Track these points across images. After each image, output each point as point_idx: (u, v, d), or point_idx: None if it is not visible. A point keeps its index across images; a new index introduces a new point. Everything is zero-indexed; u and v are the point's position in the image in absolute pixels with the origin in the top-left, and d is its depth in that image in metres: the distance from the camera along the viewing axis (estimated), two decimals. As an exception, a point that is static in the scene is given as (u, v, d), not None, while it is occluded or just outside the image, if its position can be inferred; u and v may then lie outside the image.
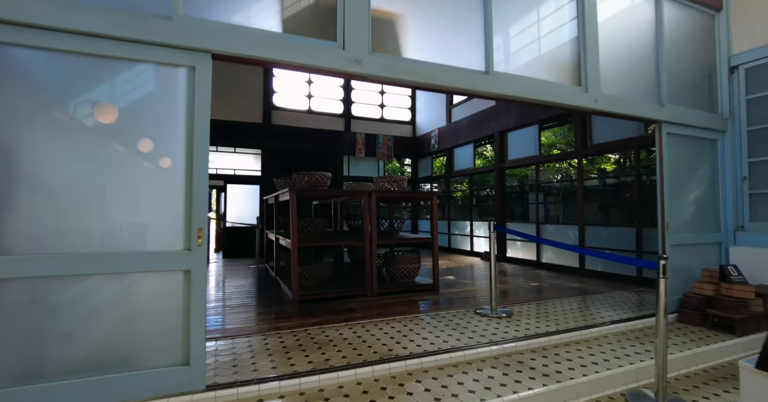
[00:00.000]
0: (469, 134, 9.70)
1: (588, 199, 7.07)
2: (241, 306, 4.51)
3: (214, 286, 5.77)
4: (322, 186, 5.10)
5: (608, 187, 7.16)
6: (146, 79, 2.42)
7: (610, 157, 8.35)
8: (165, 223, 2.38)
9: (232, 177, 10.20)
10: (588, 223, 6.85)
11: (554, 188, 8.50)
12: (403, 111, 12.51)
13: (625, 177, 6.71)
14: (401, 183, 5.48)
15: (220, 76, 9.97)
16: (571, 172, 11.32)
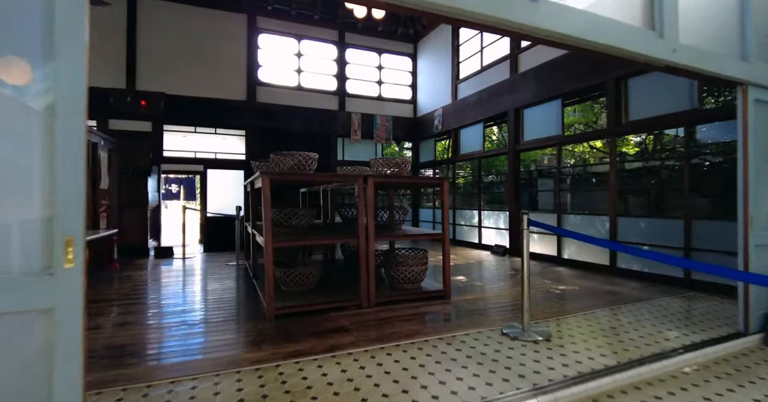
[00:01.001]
0: (477, 113, 8.63)
1: (622, 185, 6.06)
2: (201, 323, 3.53)
3: (177, 292, 4.79)
4: (308, 169, 4.07)
5: (645, 171, 6.16)
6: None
7: (644, 138, 7.32)
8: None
9: (213, 161, 9.14)
10: (621, 213, 5.87)
11: (578, 173, 7.48)
12: (402, 89, 11.39)
13: (671, 160, 5.69)
14: (403, 166, 4.46)
15: (197, 45, 8.82)
16: (590, 155, 10.32)
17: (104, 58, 8.15)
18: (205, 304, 4.18)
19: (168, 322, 3.56)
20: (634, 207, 6.20)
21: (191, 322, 3.54)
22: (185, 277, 5.68)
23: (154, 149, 8.50)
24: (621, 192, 6.04)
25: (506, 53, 7.93)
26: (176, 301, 4.29)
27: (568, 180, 7.22)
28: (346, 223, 5.82)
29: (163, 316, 3.75)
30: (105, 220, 6.35)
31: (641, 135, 6.83)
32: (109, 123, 8.17)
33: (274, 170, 3.72)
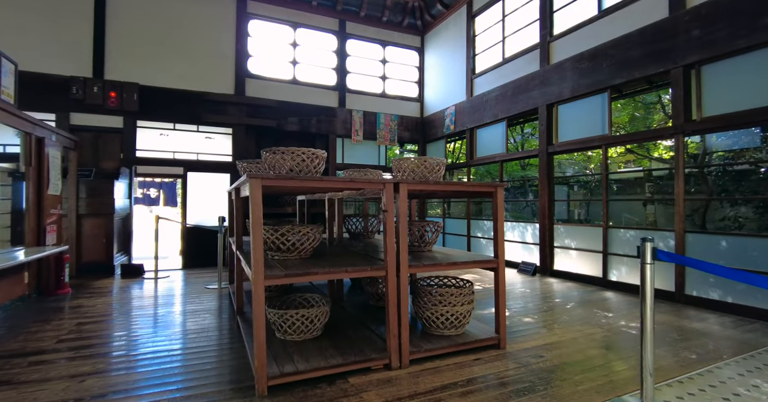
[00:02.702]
0: (499, 110, 7.57)
1: (691, 193, 5.03)
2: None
3: (134, 336, 3.59)
4: (313, 171, 2.93)
5: (719, 177, 5.15)
6: None
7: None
8: None
9: (195, 163, 7.93)
10: (692, 229, 4.83)
11: (627, 179, 6.45)
12: (408, 85, 10.32)
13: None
14: (438, 169, 3.35)
15: (178, 30, 7.64)
16: (612, 160, 9.39)
17: (66, 40, 6.93)
18: (169, 360, 2.99)
19: (105, 395, 2.38)
20: (709, 221, 5.18)
21: (140, 396, 2.36)
22: (151, 308, 4.47)
23: (126, 148, 7.28)
24: (690, 202, 5.00)
25: (535, 42, 6.90)
26: (128, 355, 3.09)
27: (613, 187, 6.18)
28: (356, 239, 4.68)
29: (103, 381, 2.56)
30: (54, 234, 5.12)
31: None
32: (70, 117, 6.94)
33: (269, 174, 2.58)
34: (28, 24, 6.72)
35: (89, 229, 6.29)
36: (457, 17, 9.01)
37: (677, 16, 4.84)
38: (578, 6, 6.18)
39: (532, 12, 7.00)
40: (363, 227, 4.83)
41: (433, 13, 9.58)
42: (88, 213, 6.30)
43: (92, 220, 6.33)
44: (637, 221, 8.45)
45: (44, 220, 4.87)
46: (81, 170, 6.52)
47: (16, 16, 6.68)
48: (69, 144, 6.00)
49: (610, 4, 5.70)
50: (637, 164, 9.33)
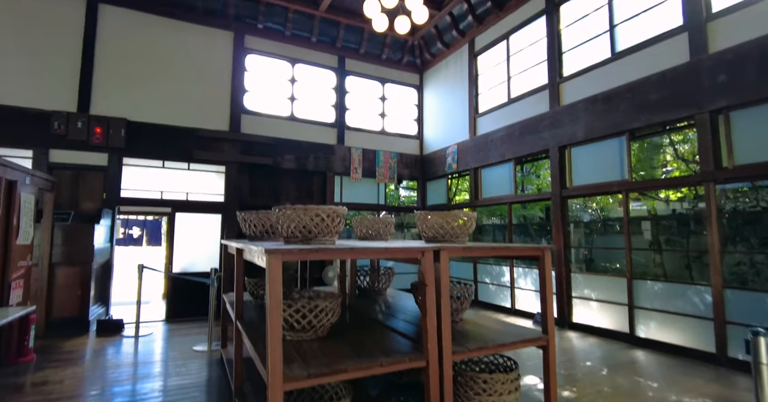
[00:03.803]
0: (506, 150, 7.32)
1: (727, 244, 4.70)
2: None
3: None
4: (333, 231, 2.49)
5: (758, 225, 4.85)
6: None
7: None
8: None
9: (184, 203, 7.40)
10: (731, 284, 4.46)
11: (655, 224, 6.16)
12: (408, 122, 10.11)
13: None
14: (469, 224, 2.94)
15: (171, 65, 7.31)
16: (648, 206, 9.13)
17: (49, 71, 6.51)
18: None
19: None
20: (753, 275, 4.84)
21: None
22: (129, 383, 3.82)
23: (110, 188, 6.74)
24: (726, 253, 4.66)
25: (544, 82, 6.74)
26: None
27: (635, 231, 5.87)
28: (367, 296, 4.17)
29: None
30: (20, 290, 4.49)
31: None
32: (49, 154, 6.42)
33: (290, 247, 2.12)
34: (7, 53, 6.30)
35: (63, 280, 5.63)
36: (457, 56, 8.93)
37: (701, 60, 4.68)
38: (589, 48, 6.06)
39: (540, 52, 6.89)
40: (373, 281, 4.34)
41: (432, 51, 9.51)
42: (63, 261, 5.66)
43: (67, 269, 5.69)
44: (644, 263, 8.14)
45: (10, 275, 4.26)
46: (57, 213, 5.93)
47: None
48: (45, 185, 5.46)
49: (624, 47, 5.58)
50: (643, 203, 9.12)
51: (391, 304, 3.79)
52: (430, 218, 2.94)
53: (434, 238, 2.95)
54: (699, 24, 4.73)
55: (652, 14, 5.26)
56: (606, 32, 5.79)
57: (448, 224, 2.89)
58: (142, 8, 7.17)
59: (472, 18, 8.03)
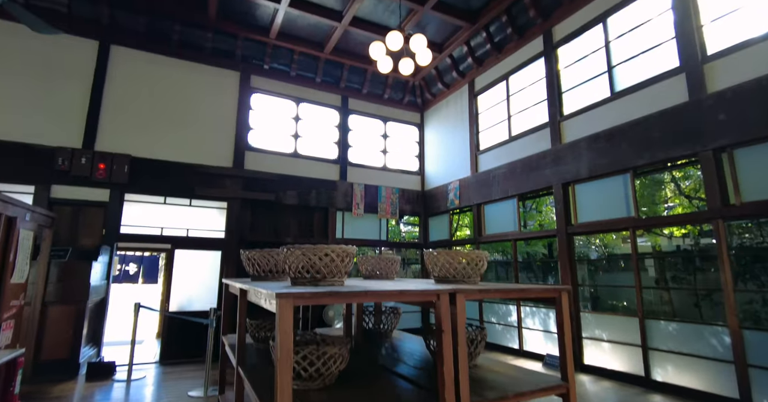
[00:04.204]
0: (509, 187, 7.32)
1: (743, 281, 4.59)
2: None
3: None
4: (342, 271, 2.41)
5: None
6: None
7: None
8: None
9: (184, 240, 7.30)
10: (746, 324, 4.31)
11: (659, 261, 6.05)
12: (409, 159, 10.20)
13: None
14: (480, 263, 2.86)
15: (178, 103, 7.45)
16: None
17: (59, 110, 6.61)
18: None
19: None
20: (766, 313, 4.69)
21: None
22: (119, 431, 3.58)
23: (110, 224, 6.66)
24: (737, 291, 4.53)
25: (545, 121, 6.86)
26: None
27: (646, 269, 5.75)
28: (372, 339, 4.00)
29: None
30: (10, 331, 4.30)
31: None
32: (51, 190, 6.38)
33: (300, 292, 2.04)
34: (16, 91, 6.41)
35: (55, 320, 5.43)
36: (458, 96, 9.14)
37: (700, 99, 4.77)
38: (589, 87, 6.21)
39: (539, 92, 7.05)
40: (379, 322, 4.17)
41: (433, 91, 9.75)
42: (57, 300, 5.49)
43: (60, 308, 5.50)
44: (651, 301, 7.95)
45: (1, 316, 4.09)
46: (55, 250, 5.82)
47: (2, 80, 6.37)
48: (45, 221, 5.38)
49: (622, 86, 5.71)
50: (647, 239, 9.04)
51: (400, 349, 3.63)
52: (441, 258, 2.86)
53: (445, 278, 2.86)
54: (695, 65, 4.86)
55: (649, 56, 5.42)
56: (604, 73, 5.95)
57: (459, 264, 2.81)
58: (152, 49, 7.39)
59: (471, 60, 8.29)
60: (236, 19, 7.52)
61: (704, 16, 4.91)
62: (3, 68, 6.38)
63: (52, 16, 6.59)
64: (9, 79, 6.38)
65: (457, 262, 2.83)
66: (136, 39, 7.24)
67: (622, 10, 5.79)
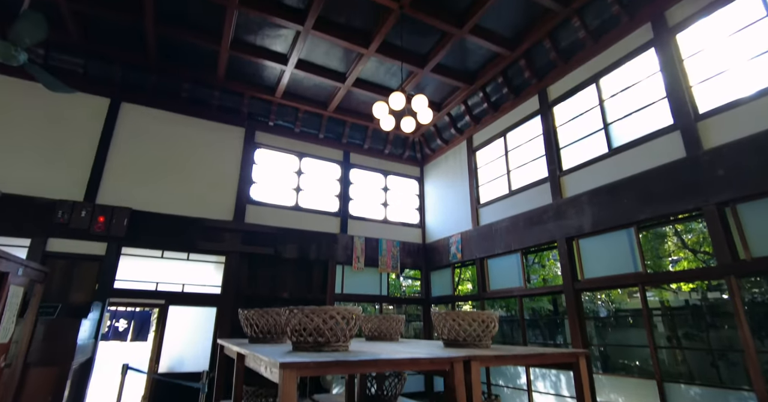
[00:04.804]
0: (511, 241, 7.25)
1: (756, 338, 4.38)
2: None
3: None
4: (348, 335, 2.28)
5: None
6: None
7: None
8: None
9: (180, 295, 7.07)
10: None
11: (669, 318, 5.84)
12: (410, 212, 10.21)
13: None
14: (491, 325, 2.73)
15: (182, 157, 7.57)
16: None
17: (63, 162, 6.69)
18: None
19: None
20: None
21: None
22: None
23: (104, 278, 6.49)
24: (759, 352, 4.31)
25: (544, 176, 6.94)
26: None
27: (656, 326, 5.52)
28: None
29: None
30: (-15, 398, 4.00)
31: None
32: (47, 243, 6.28)
33: (307, 361, 1.91)
34: (22, 145, 6.50)
35: (35, 384, 5.07)
36: (456, 151, 9.35)
37: (697, 155, 4.86)
38: (586, 143, 6.35)
39: (537, 148, 7.21)
40: (381, 387, 3.91)
41: (432, 147, 9.99)
42: (40, 361, 5.17)
43: (42, 370, 5.16)
44: (664, 360, 7.56)
45: (-23, 380, 3.82)
46: (44, 306, 5.59)
47: (9, 135, 6.48)
48: (37, 276, 5.21)
49: (620, 143, 5.84)
50: (654, 294, 8.81)
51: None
52: (450, 319, 2.74)
53: (454, 341, 2.72)
54: (689, 123, 5.01)
55: (643, 114, 5.60)
56: (601, 130, 6.12)
57: (470, 326, 2.68)
58: (160, 106, 7.65)
59: (469, 118, 8.58)
60: (244, 78, 7.87)
61: (692, 78, 5.14)
62: (13, 122, 6.54)
63: (67, 76, 6.89)
64: (18, 133, 6.52)
65: (468, 324, 2.71)
66: (146, 96, 7.53)
67: (613, 72, 6.08)
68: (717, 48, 4.95)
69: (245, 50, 6.93)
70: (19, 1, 5.55)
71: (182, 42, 6.81)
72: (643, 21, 5.68)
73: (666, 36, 5.40)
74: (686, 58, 5.22)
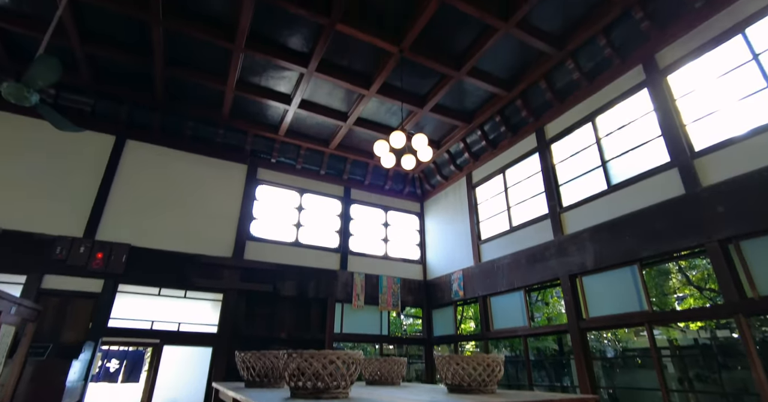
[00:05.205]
0: (514, 278, 7.15)
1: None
2: None
3: None
4: (348, 380, 2.19)
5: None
6: None
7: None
8: None
9: (175, 335, 6.88)
10: (797, 439, 3.84)
11: (683, 358, 5.66)
12: (410, 247, 10.13)
13: None
14: (497, 370, 2.64)
15: (183, 193, 7.62)
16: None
17: (65, 198, 6.71)
18: None
19: None
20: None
21: None
22: None
23: (98, 317, 6.35)
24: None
25: (544, 212, 6.95)
26: None
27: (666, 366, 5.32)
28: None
29: None
30: (-35, 447, 3.80)
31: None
32: (43, 279, 6.19)
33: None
34: (24, 181, 6.55)
35: (18, 430, 4.84)
36: (456, 187, 9.42)
37: (696, 192, 4.88)
38: (585, 180, 6.41)
39: (537, 184, 7.26)
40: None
41: (432, 183, 10.08)
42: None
43: (26, 415, 4.94)
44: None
45: (-41, 427, 3.65)
46: (34, 346, 5.43)
47: (11, 170, 6.55)
48: (30, 315, 5.10)
49: (618, 180, 5.89)
50: (662, 332, 8.57)
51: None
52: (454, 363, 2.65)
53: (459, 387, 2.62)
54: (685, 160, 5.07)
55: (641, 151, 5.68)
56: (599, 167, 6.20)
57: (475, 370, 2.59)
58: (164, 143, 7.79)
59: (468, 155, 8.71)
60: (248, 117, 8.06)
61: (686, 117, 5.26)
62: (16, 158, 6.61)
63: (75, 114, 7.07)
64: (21, 169, 6.59)
65: (472, 369, 2.62)
66: (151, 134, 7.69)
67: (608, 111, 6.24)
68: (708, 88, 5.11)
69: (250, 90, 7.14)
70: (34, 44, 5.81)
71: (189, 82, 7.04)
72: (635, 63, 5.89)
73: (657, 77, 5.58)
74: (679, 98, 5.37)
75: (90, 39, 6.12)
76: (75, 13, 5.64)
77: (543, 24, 5.93)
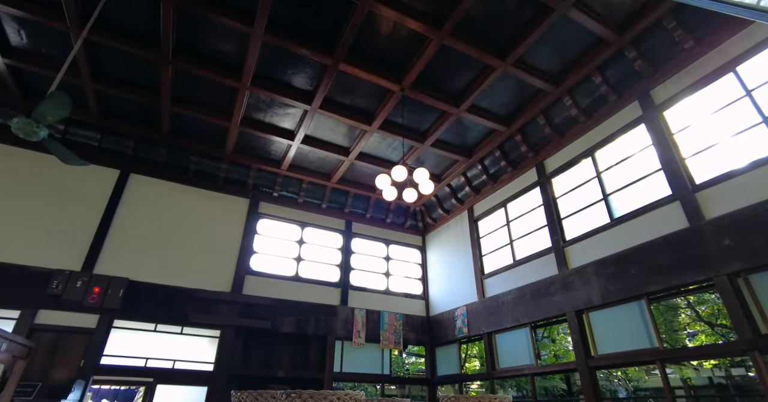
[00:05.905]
0: (519, 314, 6.98)
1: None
2: None
3: None
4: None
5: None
6: None
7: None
8: None
9: (169, 373, 6.64)
10: None
11: (698, 399, 5.43)
12: (413, 282, 9.97)
13: None
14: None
15: (184, 227, 7.60)
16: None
17: (65, 232, 6.69)
18: None
19: None
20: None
21: None
22: None
23: (91, 353, 6.15)
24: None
25: (548, 246, 6.89)
26: None
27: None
28: None
29: None
30: None
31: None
32: (37, 315, 6.06)
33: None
34: (23, 214, 6.54)
35: None
36: (458, 221, 9.40)
37: (699, 225, 4.85)
38: (588, 214, 6.39)
39: (539, 218, 7.24)
40: None
41: (434, 216, 10.07)
42: (7, 451, 4.71)
43: (9, 462, 4.68)
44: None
45: (-64, 474, 3.44)
46: (22, 385, 5.23)
47: (11, 203, 6.55)
48: (21, 352, 4.95)
49: (621, 213, 5.88)
50: (674, 371, 8.24)
51: None
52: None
53: (466, 429, 2.49)
54: (687, 194, 5.08)
55: (642, 184, 5.70)
56: (601, 200, 6.20)
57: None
58: (167, 177, 7.87)
59: (469, 189, 8.76)
60: (251, 152, 8.18)
61: (684, 151, 5.32)
62: (16, 191, 6.63)
63: (81, 149, 7.18)
64: (21, 202, 6.60)
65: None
66: (155, 168, 7.78)
67: (607, 146, 6.32)
68: (705, 123, 5.20)
69: (254, 126, 7.29)
70: (47, 82, 6.00)
71: (194, 119, 7.20)
72: (631, 99, 6.03)
73: (654, 113, 5.70)
74: (676, 133, 5.45)
75: (101, 77, 6.33)
76: (89, 52, 5.86)
77: (539, 63, 6.13)
